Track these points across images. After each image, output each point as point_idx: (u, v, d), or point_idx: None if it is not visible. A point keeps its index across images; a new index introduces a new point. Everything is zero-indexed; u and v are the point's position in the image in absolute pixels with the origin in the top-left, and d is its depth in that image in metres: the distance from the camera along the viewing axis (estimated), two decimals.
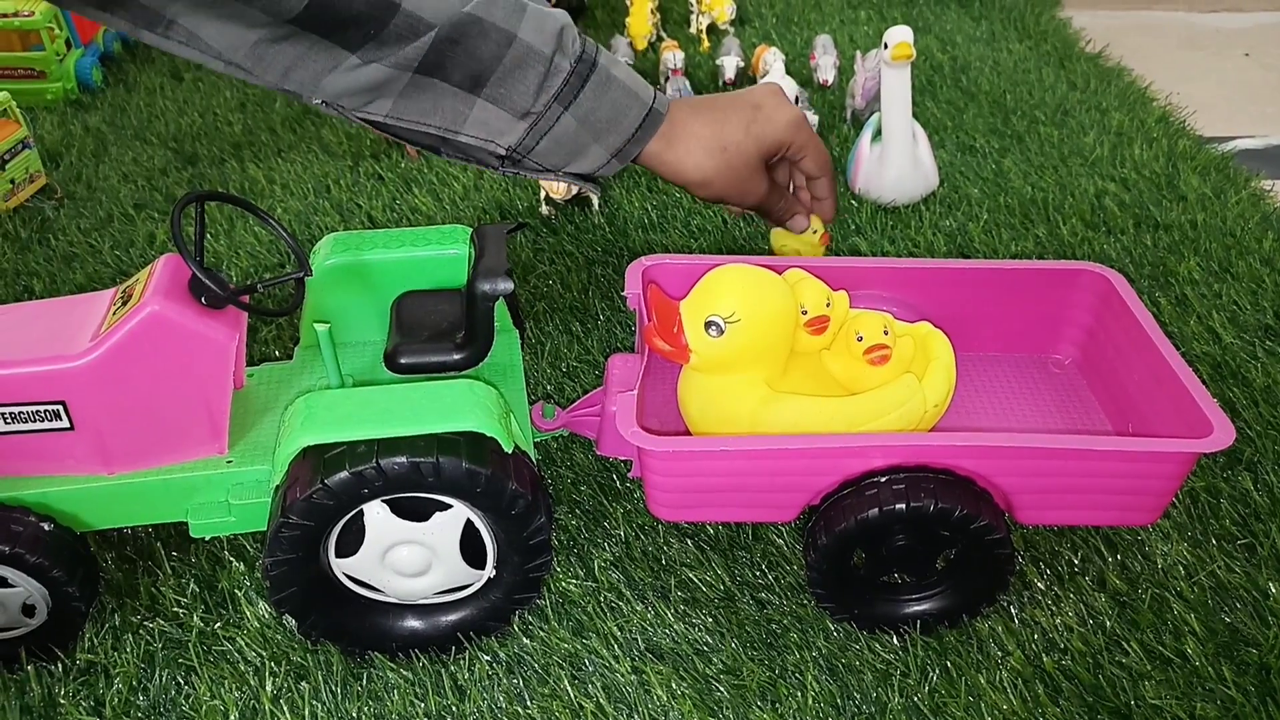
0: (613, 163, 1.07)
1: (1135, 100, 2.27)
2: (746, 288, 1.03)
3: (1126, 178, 1.93)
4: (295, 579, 0.97)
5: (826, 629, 1.08)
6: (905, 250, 1.71)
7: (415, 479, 0.92)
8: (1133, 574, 1.14)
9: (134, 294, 0.98)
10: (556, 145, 1.02)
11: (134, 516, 1.05)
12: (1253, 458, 1.29)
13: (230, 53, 0.88)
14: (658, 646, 1.06)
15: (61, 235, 1.73)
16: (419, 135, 0.99)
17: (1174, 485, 1.00)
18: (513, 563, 1.02)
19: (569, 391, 1.39)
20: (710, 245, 1.71)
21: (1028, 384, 1.26)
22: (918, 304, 1.23)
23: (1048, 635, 1.07)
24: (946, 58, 2.48)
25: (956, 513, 0.96)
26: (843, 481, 1.00)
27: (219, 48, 0.88)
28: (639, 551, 1.16)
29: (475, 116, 0.97)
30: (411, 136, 1.00)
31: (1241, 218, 1.80)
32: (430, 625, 1.04)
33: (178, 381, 0.98)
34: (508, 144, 1.00)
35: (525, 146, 1.01)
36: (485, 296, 1.02)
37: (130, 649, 1.05)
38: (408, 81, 0.93)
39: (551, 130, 0.99)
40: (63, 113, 2.17)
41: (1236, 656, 1.05)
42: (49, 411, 0.97)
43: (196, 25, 0.85)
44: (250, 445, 1.06)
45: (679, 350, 1.03)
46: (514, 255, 1.68)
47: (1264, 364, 1.44)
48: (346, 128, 2.07)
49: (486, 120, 0.98)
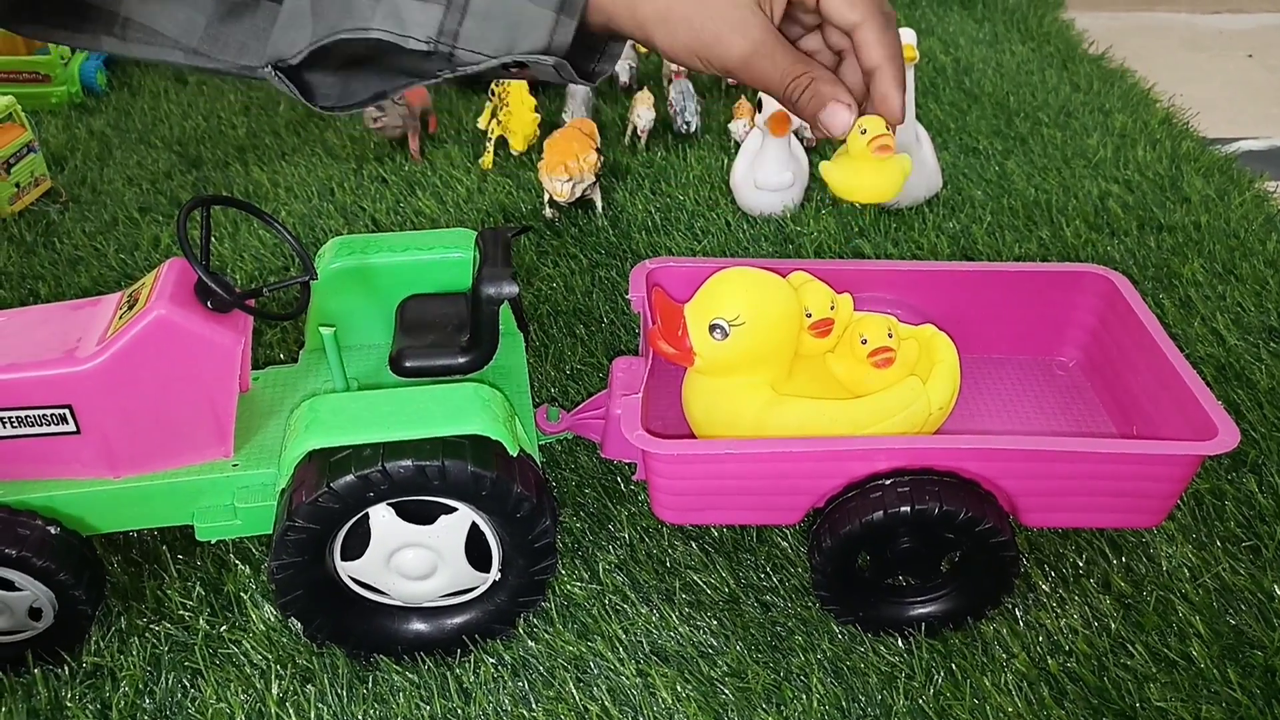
0: (564, 21, 0.86)
1: (1138, 102, 2.27)
2: (751, 291, 1.03)
3: (1130, 179, 1.93)
4: (301, 582, 0.97)
5: (831, 632, 1.08)
6: (909, 252, 1.71)
7: (420, 482, 0.92)
8: (1137, 576, 1.14)
9: (140, 298, 0.99)
10: (485, 20, 0.83)
11: (140, 520, 1.05)
12: (1257, 460, 1.29)
13: (188, 38, 0.86)
14: (663, 649, 1.06)
15: (66, 239, 1.73)
16: (351, 52, 0.88)
17: (1178, 488, 1.00)
18: (518, 565, 1.02)
19: (573, 394, 1.39)
20: (715, 247, 1.72)
21: (1032, 386, 1.26)
22: (922, 306, 1.24)
23: (1053, 638, 1.07)
24: (949, 59, 2.48)
25: (961, 515, 0.96)
26: (847, 484, 1.00)
27: (175, 35, 0.86)
28: (644, 554, 1.16)
29: (383, 9, 0.84)
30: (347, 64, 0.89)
31: (1245, 219, 1.80)
32: (435, 628, 1.04)
33: (183, 385, 0.99)
34: (426, 34, 0.86)
35: (449, 31, 0.84)
36: (490, 300, 1.02)
37: (136, 652, 1.05)
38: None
39: (470, 2, 0.83)
40: (67, 116, 2.18)
41: (1242, 659, 1.05)
42: (55, 415, 0.97)
43: (150, 17, 0.84)
44: (256, 448, 1.06)
45: (683, 353, 1.03)
46: (518, 258, 1.68)
47: (1268, 366, 1.44)
48: (350, 130, 2.08)
49: (396, 10, 0.85)
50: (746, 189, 1.80)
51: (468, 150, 2.02)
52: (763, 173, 1.76)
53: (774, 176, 1.76)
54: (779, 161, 1.76)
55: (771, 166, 1.75)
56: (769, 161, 1.76)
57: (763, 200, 1.79)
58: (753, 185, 1.78)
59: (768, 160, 1.76)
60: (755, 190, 1.78)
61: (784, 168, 1.76)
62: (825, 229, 1.75)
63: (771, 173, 1.76)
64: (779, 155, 1.76)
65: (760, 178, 1.76)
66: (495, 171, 1.94)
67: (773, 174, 1.76)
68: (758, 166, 1.77)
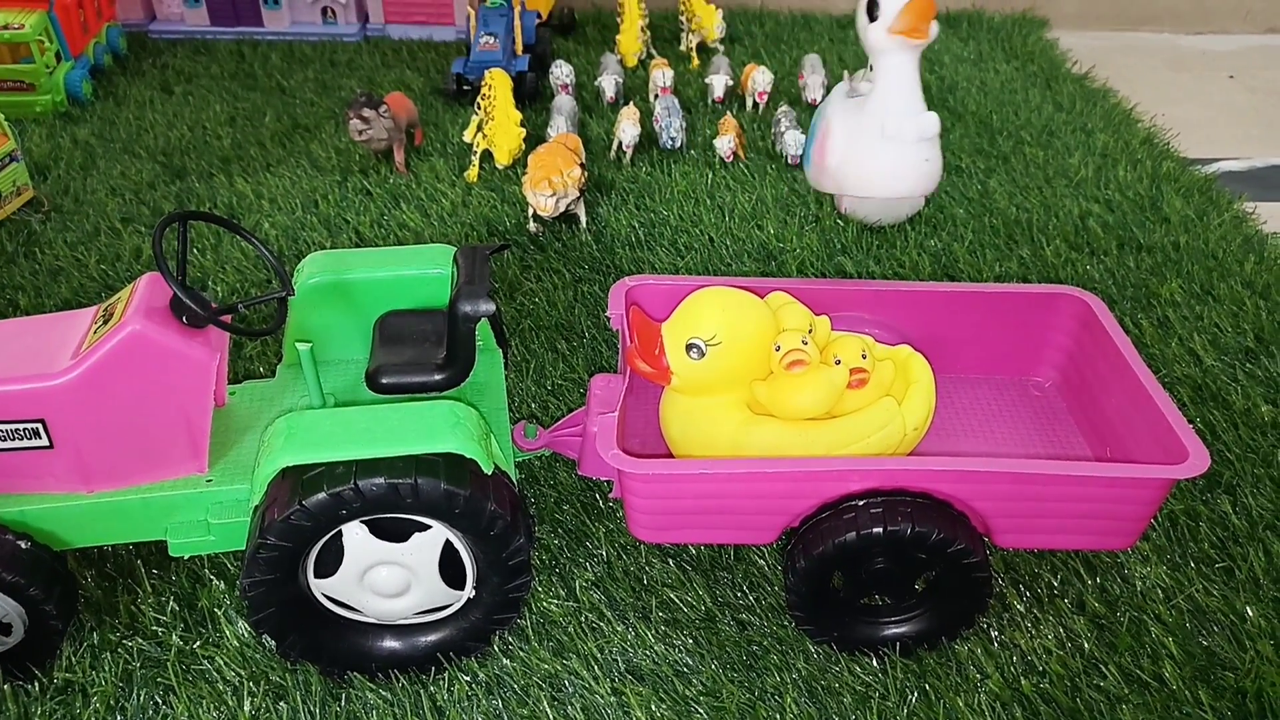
0: None
1: (1120, 121, 2.29)
2: (728, 310, 1.03)
3: (1110, 199, 1.94)
4: (274, 599, 0.97)
5: (807, 651, 1.08)
6: (891, 270, 1.71)
7: (393, 500, 0.92)
8: (1112, 597, 1.14)
9: (115, 312, 0.98)
10: None
11: (113, 535, 1.04)
12: (1232, 480, 1.29)
13: None
14: (638, 668, 1.06)
15: (48, 249, 1.72)
16: None
17: (1150, 510, 1.00)
18: (492, 583, 1.01)
19: (553, 409, 1.39)
20: (698, 263, 1.72)
21: (1008, 407, 1.27)
22: (900, 326, 1.24)
23: (1026, 658, 1.08)
24: (934, 78, 2.49)
25: (933, 536, 0.96)
26: (821, 505, 1.00)
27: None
28: (620, 571, 1.16)
29: None
30: None
31: (1224, 240, 1.82)
32: (409, 646, 1.04)
33: (158, 401, 0.98)
34: None
35: None
36: (467, 318, 1.02)
37: (108, 668, 1.04)
38: None
39: None
40: (51, 125, 2.17)
41: (1213, 680, 1.06)
42: (28, 430, 0.96)
43: None
44: (231, 464, 1.05)
45: (660, 372, 1.03)
46: (500, 273, 1.68)
47: (1244, 386, 1.45)
48: (335, 143, 2.08)
49: None
50: (862, 154, 1.16)
51: (453, 163, 2.02)
52: (895, 113, 1.12)
53: (912, 116, 1.12)
54: (912, 89, 1.13)
55: (906, 99, 1.12)
56: (899, 92, 1.12)
57: (893, 165, 1.15)
58: (878, 136, 1.14)
59: (895, 91, 1.12)
60: (881, 148, 1.13)
61: (920, 100, 1.12)
62: (808, 245, 1.75)
63: (908, 108, 1.12)
64: (911, 81, 1.13)
65: (893, 121, 1.13)
66: (480, 185, 1.94)
67: (910, 108, 1.12)
68: (881, 109, 1.13)
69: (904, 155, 1.26)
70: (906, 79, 1.17)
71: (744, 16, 2.84)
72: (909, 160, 1.26)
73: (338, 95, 2.32)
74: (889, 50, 1.17)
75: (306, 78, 2.41)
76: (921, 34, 1.16)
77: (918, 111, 1.17)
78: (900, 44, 1.15)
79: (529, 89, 2.25)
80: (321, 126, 2.18)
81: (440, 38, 2.66)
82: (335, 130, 2.15)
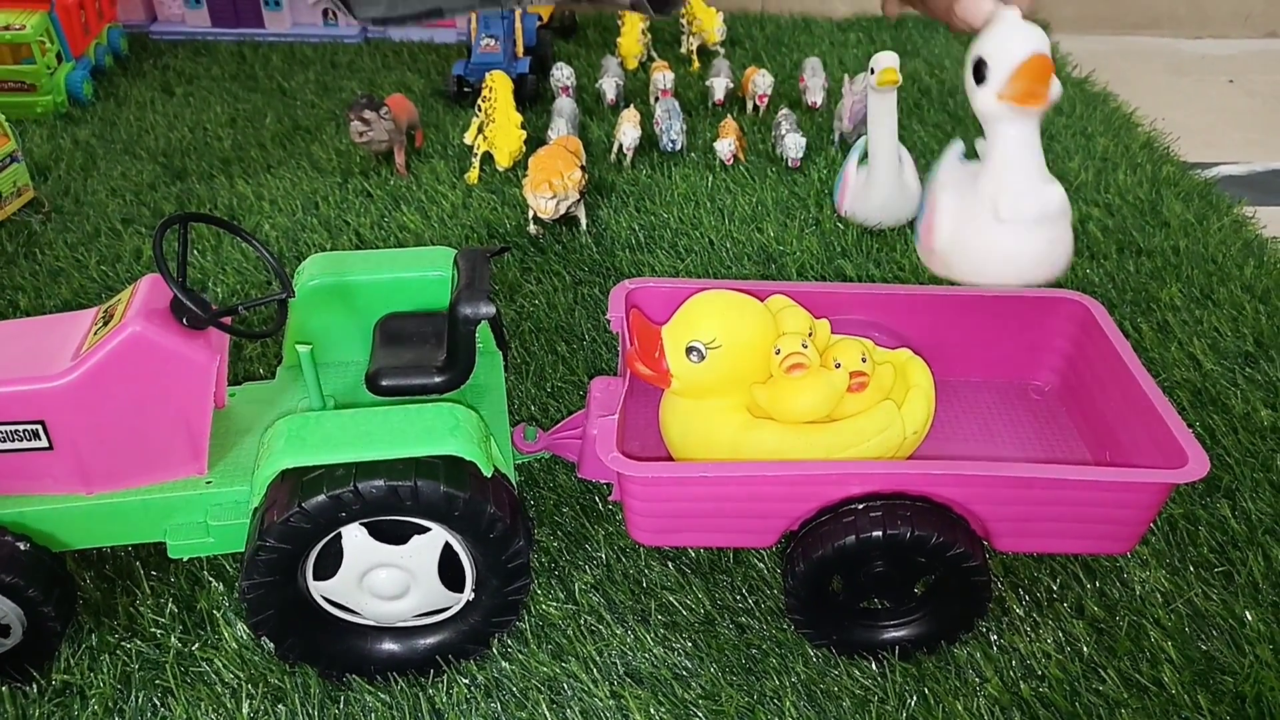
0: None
1: (1120, 125, 2.29)
2: (728, 314, 1.03)
3: (1110, 203, 1.95)
4: (273, 601, 0.97)
5: (806, 654, 1.08)
6: (891, 273, 1.71)
7: (393, 502, 0.92)
8: (1111, 601, 1.14)
9: (115, 314, 0.99)
10: None
11: (112, 536, 1.04)
12: (1231, 485, 1.29)
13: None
14: (637, 671, 1.06)
15: (48, 249, 1.72)
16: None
17: (1149, 515, 1.00)
18: (491, 586, 1.02)
19: (553, 412, 1.39)
20: (698, 266, 1.72)
21: (1008, 411, 1.27)
22: (900, 330, 1.24)
23: (1026, 662, 1.08)
24: (934, 81, 2.50)
25: (933, 540, 0.96)
26: (821, 508, 1.00)
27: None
28: (620, 574, 1.16)
29: None
30: None
31: (1223, 244, 1.82)
32: (408, 648, 1.04)
33: (158, 402, 0.98)
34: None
35: None
36: (466, 320, 1.02)
37: (107, 669, 1.04)
38: None
39: None
40: (52, 126, 2.17)
41: (1212, 684, 1.06)
42: (28, 431, 0.96)
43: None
44: (230, 466, 1.06)
45: (660, 375, 1.03)
46: (501, 275, 1.68)
47: (1244, 391, 1.45)
48: (336, 144, 2.08)
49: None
50: (972, 238, 1.03)
51: (454, 165, 2.02)
52: (1011, 190, 0.98)
53: (1034, 194, 0.99)
54: (1032, 160, 0.99)
55: (1024, 173, 0.99)
56: (1016, 165, 0.99)
57: (1011, 250, 1.01)
58: (992, 217, 1.00)
59: (1011, 165, 0.99)
60: (996, 231, 1.00)
61: (1042, 172, 1.00)
62: (808, 249, 1.76)
63: (1027, 184, 0.99)
64: (1030, 151, 0.99)
65: (1008, 200, 0.98)
66: (480, 187, 1.94)
67: (1030, 183, 0.99)
68: (995, 185, 0.99)
69: (1023, 238, 1.04)
70: (1024, 150, 1.00)
71: (745, 20, 2.85)
72: (1030, 244, 1.04)
73: (339, 97, 2.32)
74: (1002, 118, 0.99)
75: (307, 79, 2.42)
76: (1039, 99, 0.97)
77: (1039, 187, 1.01)
78: (1015, 111, 0.97)
79: (530, 91, 2.25)
80: (322, 128, 2.18)
81: (441, 40, 2.67)
82: (336, 132, 2.15)
